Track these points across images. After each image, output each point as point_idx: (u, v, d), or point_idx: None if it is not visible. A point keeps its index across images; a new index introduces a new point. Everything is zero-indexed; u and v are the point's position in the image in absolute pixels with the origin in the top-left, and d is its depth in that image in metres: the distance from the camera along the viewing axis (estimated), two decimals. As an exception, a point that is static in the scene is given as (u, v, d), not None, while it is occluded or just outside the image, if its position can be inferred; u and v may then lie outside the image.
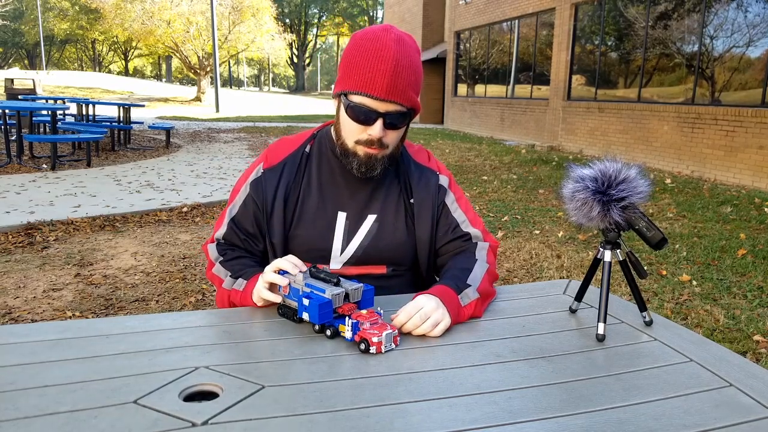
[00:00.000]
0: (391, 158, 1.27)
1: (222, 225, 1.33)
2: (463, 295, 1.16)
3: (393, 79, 1.14)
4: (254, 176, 1.32)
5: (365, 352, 0.98)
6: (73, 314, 3.02)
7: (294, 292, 1.10)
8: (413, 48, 1.20)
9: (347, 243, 1.30)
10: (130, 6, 25.22)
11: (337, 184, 1.31)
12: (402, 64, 1.15)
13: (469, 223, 1.34)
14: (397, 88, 1.15)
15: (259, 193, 1.29)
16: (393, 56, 1.15)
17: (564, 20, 11.64)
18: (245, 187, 1.32)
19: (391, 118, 1.18)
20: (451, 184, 1.37)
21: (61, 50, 62.12)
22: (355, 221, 1.30)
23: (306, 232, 1.29)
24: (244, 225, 1.31)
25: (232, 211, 1.32)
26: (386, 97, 1.15)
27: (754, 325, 3.04)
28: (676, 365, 0.97)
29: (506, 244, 4.58)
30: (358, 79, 1.16)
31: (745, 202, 6.31)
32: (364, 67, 1.15)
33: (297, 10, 58.36)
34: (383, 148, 1.22)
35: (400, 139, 1.28)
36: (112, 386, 0.86)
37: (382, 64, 1.14)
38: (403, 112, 1.20)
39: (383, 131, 1.19)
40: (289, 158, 1.32)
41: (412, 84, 1.18)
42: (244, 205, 1.31)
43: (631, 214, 1.05)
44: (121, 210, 5.19)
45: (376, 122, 1.18)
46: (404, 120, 1.22)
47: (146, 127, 13.67)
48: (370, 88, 1.15)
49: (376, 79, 1.14)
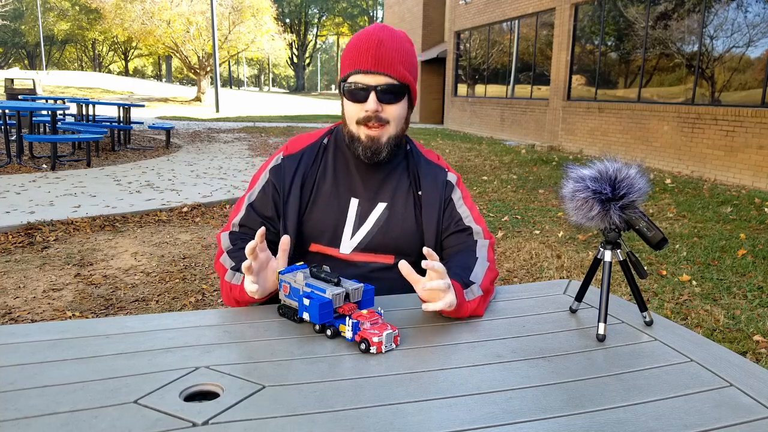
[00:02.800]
0: (396, 140, 1.31)
1: (240, 210, 1.36)
2: (468, 291, 1.18)
3: (377, 51, 1.23)
4: (275, 163, 1.38)
5: (365, 352, 0.98)
6: (73, 314, 3.02)
7: (294, 292, 1.10)
8: (401, 35, 1.29)
9: (358, 228, 1.33)
10: (130, 6, 25.21)
11: (350, 172, 1.36)
12: (386, 41, 1.24)
13: (473, 219, 1.36)
14: (382, 60, 1.23)
15: (279, 177, 1.35)
16: (376, 35, 1.25)
17: (564, 20, 11.64)
18: (265, 174, 1.38)
19: (383, 90, 1.24)
20: (459, 182, 1.41)
21: (61, 50, 62.12)
22: (366, 207, 1.34)
23: (319, 215, 1.33)
24: (263, 209, 1.35)
25: (251, 197, 1.37)
26: (373, 68, 1.23)
27: (754, 325, 3.04)
28: (676, 365, 0.97)
29: (506, 244, 4.58)
30: (348, 62, 1.26)
31: (745, 202, 6.31)
32: (352, 51, 1.26)
33: (297, 10, 58.37)
34: (383, 124, 1.26)
35: (403, 120, 1.31)
36: (112, 386, 0.86)
37: (366, 42, 1.24)
38: (395, 85, 1.25)
39: (378, 104, 1.24)
40: (308, 148, 1.39)
41: (400, 59, 1.25)
42: (263, 190, 1.36)
43: (631, 214, 1.05)
44: (121, 210, 5.19)
45: (369, 96, 1.23)
46: (398, 94, 1.26)
47: (146, 127, 13.68)
48: (358, 64, 1.24)
49: (362, 55, 1.24)
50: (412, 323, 1.12)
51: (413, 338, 1.06)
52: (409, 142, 1.43)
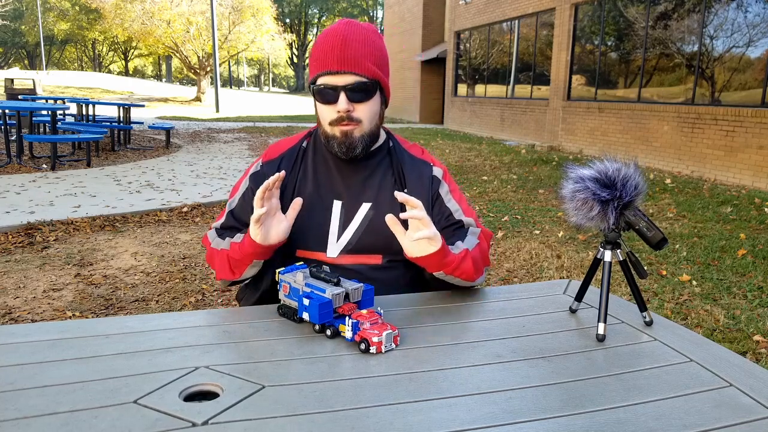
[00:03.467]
0: (371, 137, 1.29)
1: (222, 217, 1.40)
2: (454, 247, 1.24)
3: (342, 50, 1.20)
4: (255, 170, 1.39)
5: (365, 352, 0.98)
6: (73, 314, 3.02)
7: (294, 292, 1.10)
8: (369, 29, 1.27)
9: (343, 230, 1.32)
10: (130, 6, 25.21)
11: (331, 174, 1.35)
12: (351, 37, 1.21)
13: (462, 213, 1.36)
14: (348, 59, 1.20)
15: (259, 183, 1.32)
16: (341, 32, 1.21)
17: (564, 20, 11.64)
18: (246, 181, 1.39)
19: (352, 89, 1.22)
20: (445, 175, 1.40)
21: (61, 50, 62.11)
22: (350, 209, 1.33)
23: (303, 220, 1.31)
24: (243, 216, 1.36)
25: (231, 204, 1.39)
26: (339, 68, 1.20)
27: (754, 325, 3.04)
28: (676, 365, 0.97)
29: (506, 244, 4.58)
30: (316, 63, 1.23)
31: (745, 202, 6.31)
32: (318, 50, 1.24)
33: (297, 10, 58.38)
34: (356, 123, 1.25)
35: (376, 116, 1.30)
36: (112, 386, 0.86)
37: (330, 41, 1.21)
38: (364, 83, 1.22)
39: (349, 104, 1.22)
40: (287, 152, 1.38)
41: (367, 55, 1.22)
42: (242, 197, 1.37)
43: (631, 214, 1.05)
44: (121, 210, 5.19)
45: (339, 97, 1.22)
46: (368, 92, 1.24)
47: (146, 127, 13.67)
48: (324, 65, 1.21)
49: (327, 55, 1.21)
50: (412, 323, 1.12)
51: (413, 338, 1.06)
52: (392, 138, 1.41)
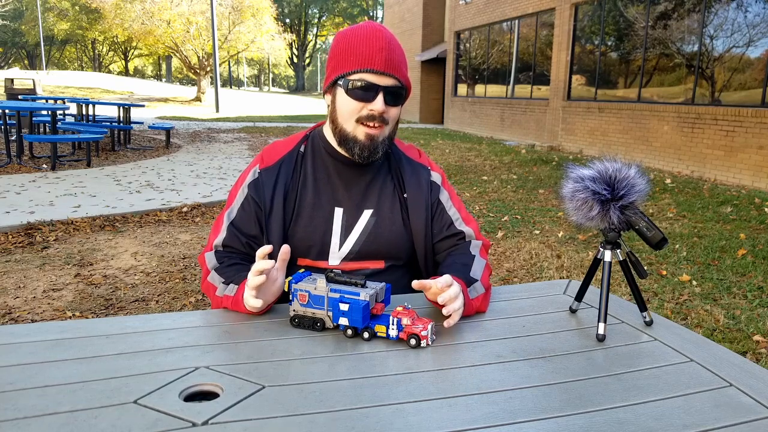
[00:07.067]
0: (390, 141, 1.30)
1: (221, 231, 1.30)
2: (472, 288, 1.19)
3: (389, 54, 1.23)
4: (251, 178, 1.31)
5: (416, 347, 1.01)
6: (73, 314, 3.02)
7: (316, 300, 1.07)
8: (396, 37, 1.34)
9: (345, 238, 1.30)
10: (130, 6, 25.20)
11: (332, 180, 1.32)
12: (393, 42, 1.25)
13: (462, 221, 1.36)
14: (393, 63, 1.23)
15: (259, 192, 1.29)
16: (385, 36, 1.24)
17: (564, 20, 11.64)
18: (242, 190, 1.31)
19: (390, 92, 1.23)
20: (444, 181, 1.40)
21: (61, 50, 62.10)
22: (352, 216, 1.31)
23: (304, 228, 1.29)
24: (245, 228, 1.29)
25: (230, 216, 1.30)
26: (385, 70, 1.22)
27: (754, 325, 3.03)
28: (676, 365, 0.97)
29: (506, 244, 4.58)
30: (358, 58, 1.22)
31: (745, 202, 6.30)
32: (361, 47, 1.23)
33: (297, 10, 58.38)
34: (384, 125, 1.25)
35: (396, 122, 1.31)
36: (112, 386, 0.86)
37: (377, 42, 1.23)
38: (399, 88, 1.25)
39: (384, 106, 1.23)
40: (286, 158, 1.33)
41: (404, 62, 1.27)
42: (242, 207, 1.30)
43: (631, 214, 1.05)
44: (121, 210, 5.19)
45: (378, 96, 1.22)
46: (401, 97, 1.27)
47: (146, 127, 13.67)
48: (371, 63, 1.21)
49: (375, 54, 1.22)
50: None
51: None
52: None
